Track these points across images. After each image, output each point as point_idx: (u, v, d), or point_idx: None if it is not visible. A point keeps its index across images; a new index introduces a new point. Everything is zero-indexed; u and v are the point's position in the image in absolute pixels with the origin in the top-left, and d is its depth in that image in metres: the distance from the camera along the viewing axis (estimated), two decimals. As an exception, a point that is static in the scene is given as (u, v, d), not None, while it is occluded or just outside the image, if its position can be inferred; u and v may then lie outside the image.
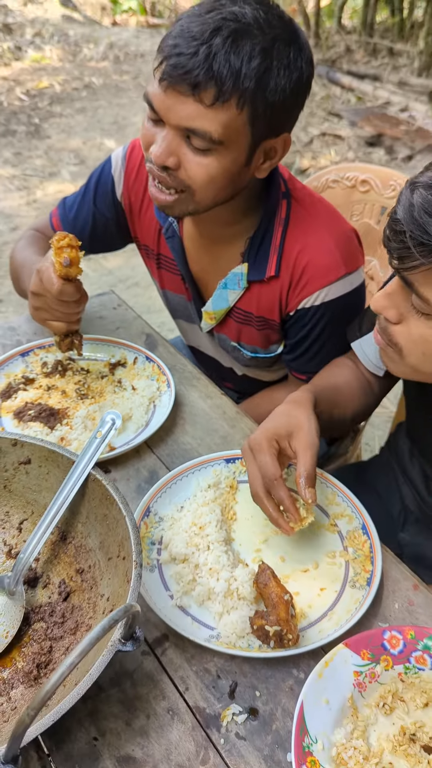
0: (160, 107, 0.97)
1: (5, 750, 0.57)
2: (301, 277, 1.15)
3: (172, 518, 0.96)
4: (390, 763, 0.72)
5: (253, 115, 0.95)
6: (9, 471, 0.91)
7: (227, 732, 0.75)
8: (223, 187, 1.02)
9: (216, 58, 0.89)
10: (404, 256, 0.78)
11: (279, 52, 0.93)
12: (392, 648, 0.80)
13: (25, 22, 7.83)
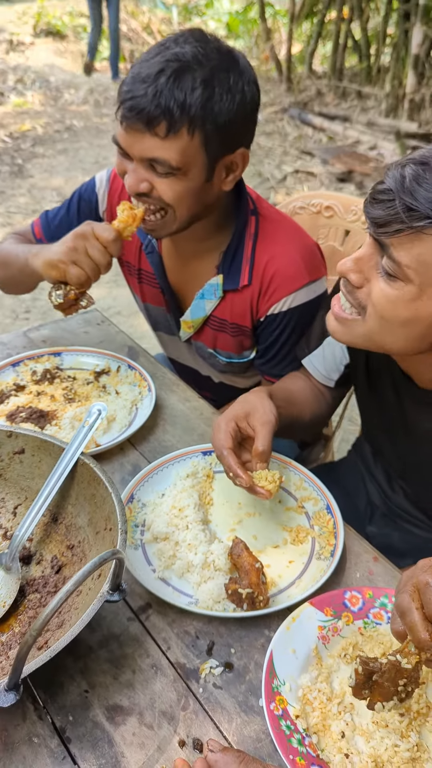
0: (124, 145, 1.10)
1: (9, 676, 0.65)
2: (270, 285, 1.27)
3: (154, 503, 1.05)
4: (351, 703, 0.80)
5: (205, 139, 1.08)
6: (4, 460, 1.00)
7: (205, 683, 0.84)
8: (194, 203, 1.14)
9: (162, 95, 1.03)
10: (388, 222, 0.84)
11: (219, 80, 1.06)
12: (352, 606, 0.89)
13: (8, 69, 8.10)
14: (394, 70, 6.34)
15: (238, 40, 9.91)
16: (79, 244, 1.19)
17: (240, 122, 1.11)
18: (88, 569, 0.64)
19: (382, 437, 1.27)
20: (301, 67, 7.78)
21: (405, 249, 0.84)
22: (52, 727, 0.78)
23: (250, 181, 4.97)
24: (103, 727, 0.79)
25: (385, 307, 0.89)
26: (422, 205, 0.80)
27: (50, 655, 0.69)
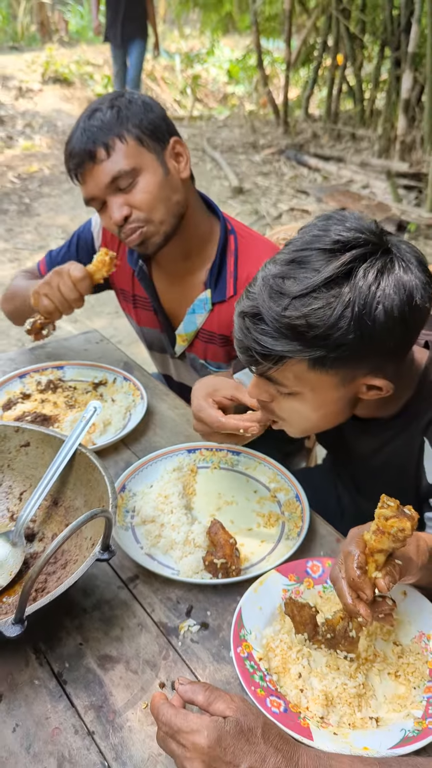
0: (90, 190, 1.32)
1: (15, 611, 0.79)
2: None
3: (143, 492, 1.19)
4: (308, 651, 0.93)
5: (137, 139, 1.29)
6: (12, 452, 1.15)
7: (184, 638, 0.97)
8: (167, 197, 1.33)
9: (87, 132, 1.28)
10: (256, 364, 0.95)
11: (119, 101, 1.30)
12: (313, 573, 1.03)
13: (17, 115, 8.44)
14: (386, 114, 6.63)
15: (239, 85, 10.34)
16: (54, 280, 1.39)
17: (155, 119, 1.32)
18: (82, 519, 0.79)
19: (338, 462, 1.40)
20: (298, 111, 8.12)
21: (283, 376, 0.94)
22: (50, 672, 0.91)
23: (247, 218, 5.19)
24: (94, 672, 0.91)
25: (301, 414, 1.00)
26: (268, 348, 0.90)
27: (50, 598, 0.83)
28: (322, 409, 0.99)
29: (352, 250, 0.89)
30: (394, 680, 0.90)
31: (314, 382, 0.94)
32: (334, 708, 0.86)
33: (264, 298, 0.90)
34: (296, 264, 0.90)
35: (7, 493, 1.14)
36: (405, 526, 0.78)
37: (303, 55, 8.05)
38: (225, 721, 0.75)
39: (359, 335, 0.88)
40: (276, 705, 0.84)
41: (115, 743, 0.83)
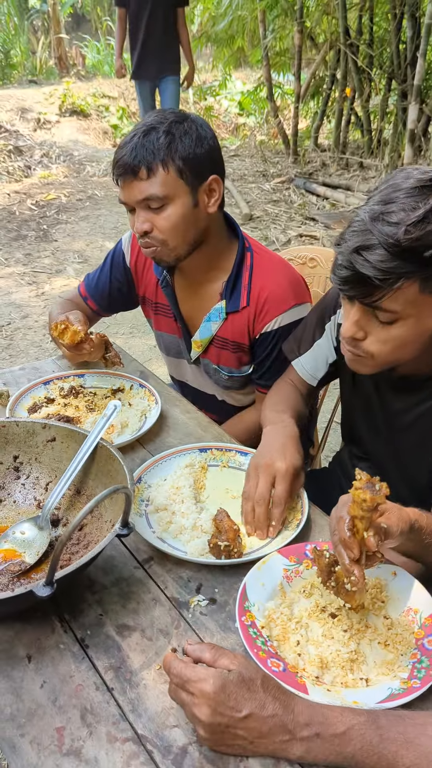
0: (124, 198, 1.44)
1: (47, 574, 0.89)
2: (263, 307, 1.55)
3: (157, 485, 1.30)
4: (306, 623, 1.03)
5: (178, 171, 1.40)
6: (39, 447, 1.26)
7: (194, 611, 1.07)
8: (188, 230, 1.44)
9: (137, 149, 1.38)
10: (369, 295, 1.04)
11: (177, 128, 1.39)
12: (312, 555, 1.13)
13: (35, 145, 8.72)
14: (392, 144, 6.82)
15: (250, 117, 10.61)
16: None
17: (203, 155, 1.42)
18: (104, 494, 0.90)
19: (363, 429, 1.48)
20: (307, 141, 8.33)
21: (394, 300, 1.05)
22: (74, 638, 1.02)
23: (257, 243, 5.35)
24: (113, 639, 1.02)
25: (397, 342, 1.11)
26: (389, 271, 1.01)
27: (77, 565, 0.93)
28: (417, 336, 1.11)
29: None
30: (383, 648, 1.00)
31: (420, 305, 1.07)
32: (328, 670, 0.96)
33: (378, 229, 1.02)
34: (394, 202, 1.04)
35: (34, 484, 1.26)
36: (366, 497, 0.90)
37: (312, 87, 8.28)
38: (229, 672, 0.85)
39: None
40: (276, 665, 0.94)
41: (132, 698, 0.93)
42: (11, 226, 5.86)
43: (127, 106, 10.35)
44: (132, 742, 0.88)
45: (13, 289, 4.61)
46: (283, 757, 0.85)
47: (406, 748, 0.82)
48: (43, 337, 3.93)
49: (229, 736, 0.84)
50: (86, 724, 0.90)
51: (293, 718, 0.84)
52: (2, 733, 0.89)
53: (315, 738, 0.83)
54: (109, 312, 1.86)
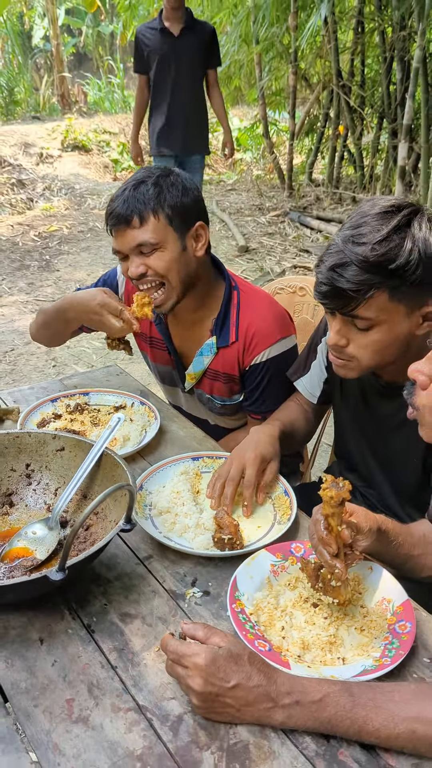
0: (118, 246, 1.58)
1: (60, 560, 1.01)
2: (251, 341, 1.68)
3: (158, 491, 1.42)
4: (290, 612, 1.14)
5: (168, 218, 1.54)
6: (49, 456, 1.39)
7: (189, 601, 1.18)
8: (180, 269, 1.58)
9: (129, 200, 1.53)
10: (345, 306, 1.22)
11: (164, 181, 1.55)
12: (296, 552, 1.25)
13: (38, 179, 8.99)
14: (384, 179, 7.07)
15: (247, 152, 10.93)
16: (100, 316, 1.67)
17: (189, 203, 1.58)
18: (110, 490, 1.02)
19: (353, 440, 1.62)
20: (302, 176, 8.60)
21: (368, 309, 1.22)
22: (81, 624, 1.13)
23: (252, 274, 5.53)
24: (117, 625, 1.13)
25: (376, 344, 1.28)
26: (359, 284, 1.18)
27: (86, 554, 1.05)
28: (393, 340, 1.27)
29: (402, 210, 1.22)
30: (359, 633, 1.11)
31: (391, 312, 1.23)
32: (309, 651, 1.07)
33: (350, 249, 1.20)
34: (363, 225, 1.21)
35: (45, 489, 1.38)
36: (332, 494, 1.04)
37: (307, 125, 8.59)
38: (219, 648, 0.97)
39: (424, 265, 1.19)
40: (262, 646, 1.05)
41: (134, 675, 1.04)
42: (15, 256, 6.05)
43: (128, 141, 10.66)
44: (134, 711, 0.99)
45: (17, 316, 4.77)
46: (267, 723, 0.96)
47: (375, 713, 0.93)
48: (45, 363, 4.07)
49: (219, 704, 0.95)
50: (93, 696, 1.01)
51: (276, 688, 0.95)
52: (18, 704, 1.00)
53: (295, 705, 0.95)
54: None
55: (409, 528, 1.23)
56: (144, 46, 4.70)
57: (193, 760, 0.92)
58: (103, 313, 1.63)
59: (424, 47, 5.77)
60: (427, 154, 6.05)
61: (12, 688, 1.02)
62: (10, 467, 1.38)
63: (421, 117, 6.07)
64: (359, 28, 7.22)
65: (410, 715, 0.93)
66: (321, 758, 0.93)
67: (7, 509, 1.36)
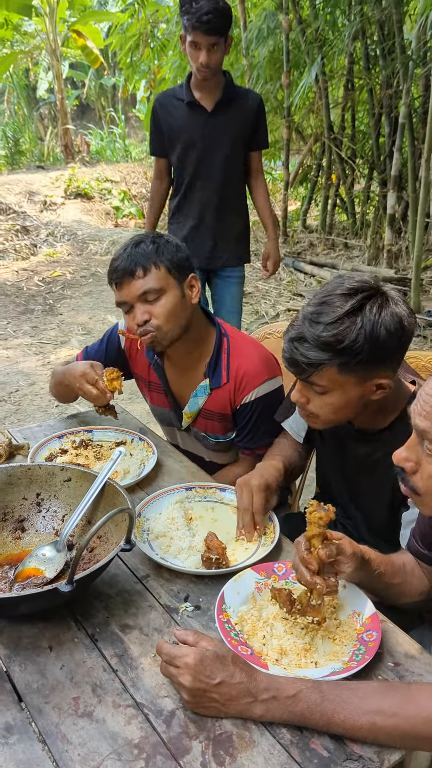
0: (123, 298, 1.77)
1: (68, 575, 1.16)
2: (241, 382, 1.86)
3: (155, 518, 1.58)
4: (272, 623, 1.29)
5: (167, 269, 1.74)
6: (57, 486, 1.55)
7: (182, 615, 1.33)
8: (179, 316, 1.77)
9: (131, 256, 1.73)
10: (302, 373, 1.41)
11: (159, 240, 1.76)
12: (278, 571, 1.40)
13: (41, 225, 9.30)
14: (374, 226, 7.36)
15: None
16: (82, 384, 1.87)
17: (182, 258, 1.79)
18: (112, 513, 1.18)
19: (332, 476, 1.78)
20: (296, 223, 8.92)
21: (320, 379, 1.40)
22: (86, 633, 1.28)
23: (248, 317, 5.75)
24: (117, 634, 1.28)
25: (330, 407, 1.45)
26: (312, 359, 1.36)
27: (92, 569, 1.21)
28: (346, 403, 1.44)
29: (360, 293, 1.37)
30: (332, 642, 1.26)
31: (341, 382, 1.40)
32: (286, 656, 1.22)
33: (306, 327, 1.37)
34: (325, 304, 1.38)
35: (53, 516, 1.53)
36: (321, 515, 1.19)
37: (301, 174, 8.95)
38: (206, 650, 1.12)
39: (369, 347, 1.34)
40: (245, 650, 1.20)
41: (132, 677, 1.19)
42: (19, 300, 6.28)
43: (128, 189, 11.06)
44: (132, 707, 1.13)
45: (21, 358, 4.96)
46: (248, 716, 1.10)
47: (341, 707, 1.08)
48: (49, 403, 4.24)
49: (206, 699, 1.10)
50: (96, 695, 1.15)
51: (255, 685, 1.10)
52: (31, 702, 1.14)
53: (272, 700, 1.09)
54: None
55: (390, 558, 1.38)
56: (164, 121, 3.26)
57: (183, 748, 1.06)
58: (83, 383, 1.84)
59: (409, 104, 6.10)
60: (415, 203, 6.33)
61: (25, 688, 1.16)
62: (22, 496, 1.54)
63: (408, 169, 6.38)
64: (349, 85, 7.61)
65: (371, 709, 1.07)
66: (295, 746, 1.07)
67: (20, 534, 1.51)
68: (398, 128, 6.32)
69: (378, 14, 6.30)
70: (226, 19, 2.97)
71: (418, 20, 5.70)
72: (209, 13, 2.86)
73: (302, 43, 7.08)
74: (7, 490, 1.53)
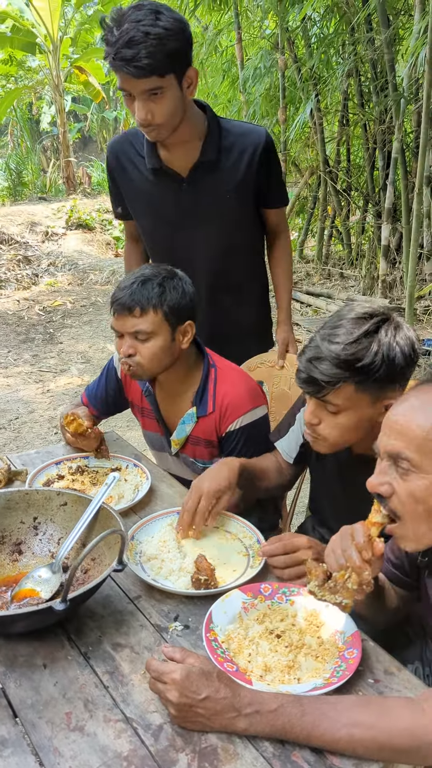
0: (117, 327, 1.85)
1: (62, 593, 1.22)
2: (226, 411, 1.93)
3: (147, 541, 1.64)
4: (257, 642, 1.34)
5: (164, 315, 1.81)
6: (53, 510, 1.61)
7: (172, 633, 1.39)
8: (163, 358, 1.85)
9: (134, 294, 1.79)
10: (319, 392, 1.46)
11: (168, 283, 1.82)
12: (265, 592, 1.46)
13: (43, 255, 9.47)
14: (369, 257, 7.50)
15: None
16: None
17: (185, 305, 1.85)
18: (106, 533, 1.25)
19: (325, 500, 1.84)
20: (293, 254, 9.08)
21: (336, 397, 1.48)
22: (79, 652, 1.33)
23: (245, 346, 5.84)
24: (109, 653, 1.33)
25: (342, 428, 1.52)
26: (331, 376, 1.44)
27: (85, 588, 1.27)
28: (357, 424, 1.51)
29: (374, 317, 1.46)
30: (314, 660, 1.31)
31: (356, 401, 1.48)
32: (270, 672, 1.27)
33: (325, 347, 1.46)
34: (341, 327, 1.48)
35: (49, 539, 1.60)
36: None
37: (297, 206, 9.14)
38: (193, 666, 1.17)
39: (386, 366, 1.43)
40: (230, 667, 1.25)
41: (123, 693, 1.24)
42: (20, 329, 6.39)
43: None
44: (122, 722, 1.18)
45: (21, 386, 5.04)
46: (233, 730, 1.15)
47: (320, 720, 1.13)
48: (48, 431, 4.31)
49: (192, 713, 1.15)
50: (88, 710, 1.20)
51: (239, 700, 1.15)
52: (25, 717, 1.19)
53: (255, 714, 1.14)
54: (106, 415, 2.25)
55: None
56: (120, 182, 2.27)
57: (170, 761, 1.11)
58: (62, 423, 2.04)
59: (401, 139, 6.28)
60: (408, 235, 6.47)
61: (20, 704, 1.22)
62: (20, 520, 1.60)
63: (402, 201, 6.54)
64: (344, 121, 7.82)
65: (349, 721, 1.12)
66: (277, 759, 1.12)
67: (17, 556, 1.57)
68: (392, 162, 6.48)
69: (371, 53, 6.52)
70: (167, 50, 1.77)
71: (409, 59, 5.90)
72: (132, 45, 1.73)
73: (298, 80, 7.30)
74: (5, 514, 1.59)
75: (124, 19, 1.75)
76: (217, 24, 7.47)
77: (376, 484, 1.21)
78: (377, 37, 6.28)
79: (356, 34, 6.48)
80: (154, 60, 1.75)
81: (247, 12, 7.40)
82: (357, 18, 6.04)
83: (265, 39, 7.50)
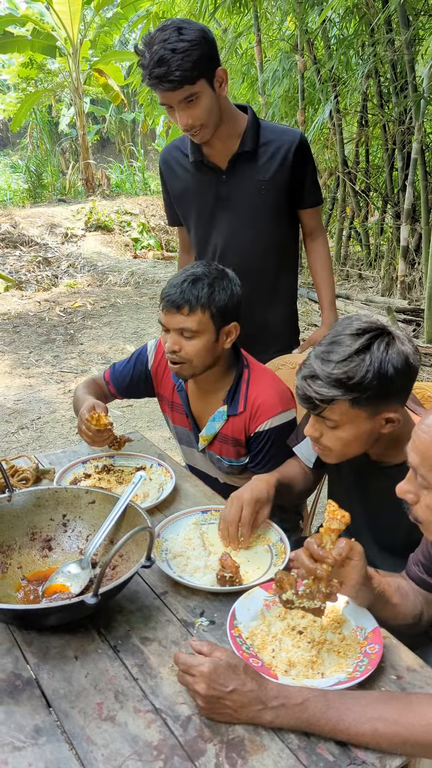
0: (165, 323, 1.89)
1: (94, 588, 1.27)
2: (257, 412, 1.97)
3: (173, 539, 1.68)
4: (280, 638, 1.38)
5: (211, 315, 1.84)
6: (82, 507, 1.66)
7: (198, 629, 1.42)
8: (206, 357, 1.88)
9: (185, 293, 1.82)
10: (315, 408, 1.51)
11: (218, 284, 1.85)
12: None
13: (62, 257, 9.58)
14: (388, 257, 7.50)
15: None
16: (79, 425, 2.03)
17: (232, 306, 1.89)
18: (135, 530, 1.29)
19: (345, 502, 1.85)
20: (312, 254, 9.08)
21: (332, 413, 1.50)
22: (109, 645, 1.37)
23: (264, 347, 5.87)
24: (138, 646, 1.37)
25: (342, 441, 1.55)
26: (324, 395, 1.47)
27: (115, 584, 1.31)
28: (357, 436, 1.54)
29: (368, 333, 1.47)
30: (336, 655, 1.34)
31: (352, 416, 1.49)
32: (294, 667, 1.30)
33: (318, 365, 1.48)
34: (335, 344, 1.49)
35: (78, 536, 1.64)
36: (345, 514, 1.27)
37: (316, 207, 9.15)
38: (220, 659, 1.21)
39: (379, 382, 1.44)
40: (255, 662, 1.29)
41: (152, 685, 1.28)
42: (41, 330, 6.47)
43: (147, 221, 11.34)
44: (152, 713, 1.22)
45: (43, 387, 5.11)
46: (259, 722, 1.19)
47: (346, 714, 1.16)
48: (69, 431, 4.37)
49: (219, 705, 1.18)
50: (118, 701, 1.25)
51: (266, 693, 1.19)
52: (59, 707, 1.24)
53: (281, 707, 1.18)
54: (123, 396, 2.27)
55: (386, 579, 1.47)
56: (170, 185, 2.47)
57: (199, 751, 1.15)
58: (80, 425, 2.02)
59: (421, 140, 6.27)
60: (428, 235, 6.46)
61: (53, 695, 1.26)
62: (49, 517, 1.65)
63: (421, 202, 6.53)
64: (363, 122, 7.82)
65: (373, 716, 1.15)
66: (303, 751, 1.15)
67: (47, 552, 1.62)
68: (411, 163, 6.47)
69: (390, 54, 6.52)
70: (193, 59, 1.95)
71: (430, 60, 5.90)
72: (163, 63, 1.94)
73: (317, 81, 7.31)
74: (35, 511, 1.64)
75: (152, 41, 1.96)
76: (236, 26, 7.50)
77: (402, 491, 1.24)
78: (397, 38, 6.29)
79: (376, 35, 6.48)
80: (184, 72, 1.94)
81: (266, 14, 7.43)
82: (377, 19, 6.04)
83: (284, 41, 7.52)
